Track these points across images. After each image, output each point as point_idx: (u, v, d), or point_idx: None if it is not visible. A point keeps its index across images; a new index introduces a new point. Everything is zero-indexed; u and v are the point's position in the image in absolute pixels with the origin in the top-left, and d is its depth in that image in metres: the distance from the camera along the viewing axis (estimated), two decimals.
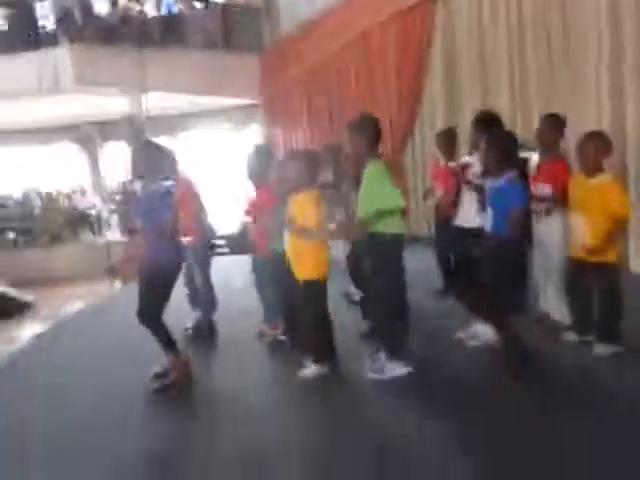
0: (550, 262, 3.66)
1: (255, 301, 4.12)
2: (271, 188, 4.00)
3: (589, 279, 3.31)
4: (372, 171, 3.19)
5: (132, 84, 9.94)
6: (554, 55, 5.81)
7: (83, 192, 13.00)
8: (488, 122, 3.82)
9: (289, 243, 3.34)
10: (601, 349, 3.27)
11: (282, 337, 3.95)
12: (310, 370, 3.30)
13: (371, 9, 8.40)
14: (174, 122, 12.97)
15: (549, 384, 2.98)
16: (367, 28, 8.59)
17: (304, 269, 3.28)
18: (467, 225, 3.81)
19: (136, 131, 9.97)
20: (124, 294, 6.68)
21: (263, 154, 4.05)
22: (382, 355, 3.28)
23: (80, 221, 12.02)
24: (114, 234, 11.30)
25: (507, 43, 6.44)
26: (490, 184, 3.20)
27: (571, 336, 3.46)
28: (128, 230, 7.42)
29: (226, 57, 11.51)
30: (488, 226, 3.19)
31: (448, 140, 4.83)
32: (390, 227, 3.15)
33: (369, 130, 3.21)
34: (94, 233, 12.19)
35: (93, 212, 12.40)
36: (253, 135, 12.73)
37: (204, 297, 4.28)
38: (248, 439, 2.69)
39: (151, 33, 10.57)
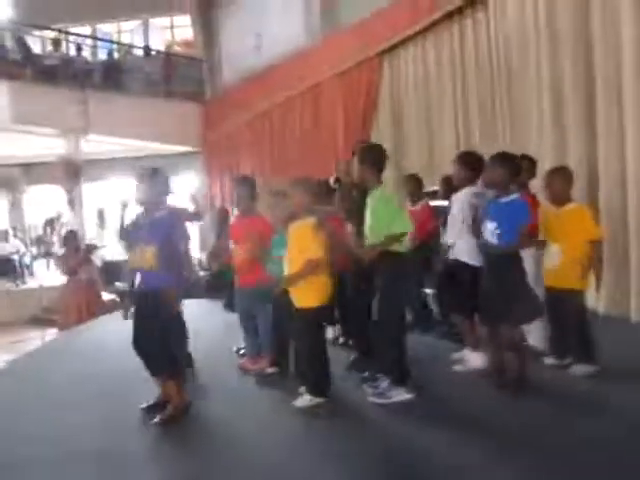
0: None
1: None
2: (259, 218, 4.09)
3: (563, 305, 3.61)
4: (380, 197, 3.35)
5: (73, 126, 9.71)
6: (496, 98, 6.40)
7: (6, 237, 12.25)
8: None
9: (289, 271, 3.36)
10: (579, 370, 3.56)
11: (268, 370, 3.94)
12: (306, 400, 3.29)
13: (321, 64, 8.85)
14: (107, 165, 12.69)
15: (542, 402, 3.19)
16: (316, 81, 9.01)
17: (305, 297, 3.30)
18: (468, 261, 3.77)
19: (74, 173, 9.67)
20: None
21: (250, 185, 4.13)
22: (384, 381, 3.37)
23: (3, 267, 11.28)
24: (42, 279, 10.70)
25: (452, 92, 7.03)
26: (496, 200, 3.41)
27: (550, 360, 3.73)
28: (70, 270, 7.07)
29: (167, 104, 11.54)
30: (492, 240, 3.37)
31: (417, 184, 5.20)
32: (399, 247, 3.29)
33: (376, 157, 3.40)
34: (17, 279, 11.47)
35: (16, 257, 11.70)
36: (189, 182, 12.68)
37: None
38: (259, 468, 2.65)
39: (92, 76, 10.45)
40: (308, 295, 3.29)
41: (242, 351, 4.39)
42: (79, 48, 10.62)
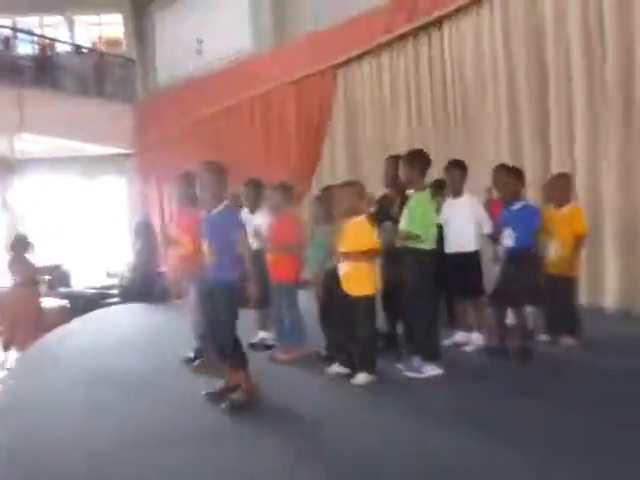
0: None
1: None
2: (288, 216, 4.39)
3: (558, 289, 4.30)
4: (421, 199, 3.81)
5: (7, 123, 9.19)
6: (450, 113, 7.11)
7: None
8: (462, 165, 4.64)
9: (346, 264, 3.73)
10: (568, 341, 4.27)
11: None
12: (363, 377, 3.68)
13: (272, 72, 9.13)
14: (40, 165, 12.03)
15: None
16: (267, 89, 9.28)
17: (363, 286, 3.67)
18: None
19: (7, 172, 9.16)
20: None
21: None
22: (417, 357, 3.83)
23: None
24: None
25: (406, 103, 7.65)
26: (510, 208, 4.03)
27: (544, 336, 4.39)
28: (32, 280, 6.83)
29: (99, 104, 11.22)
30: (510, 243, 3.99)
31: None
32: (426, 244, 3.76)
33: (421, 162, 3.84)
34: None
35: None
36: (121, 184, 12.40)
37: None
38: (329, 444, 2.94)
39: (24, 73, 9.93)
40: (365, 284, 3.68)
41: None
42: (7, 42, 10.05)
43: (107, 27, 12.72)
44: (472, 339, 4.40)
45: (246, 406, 3.38)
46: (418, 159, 3.85)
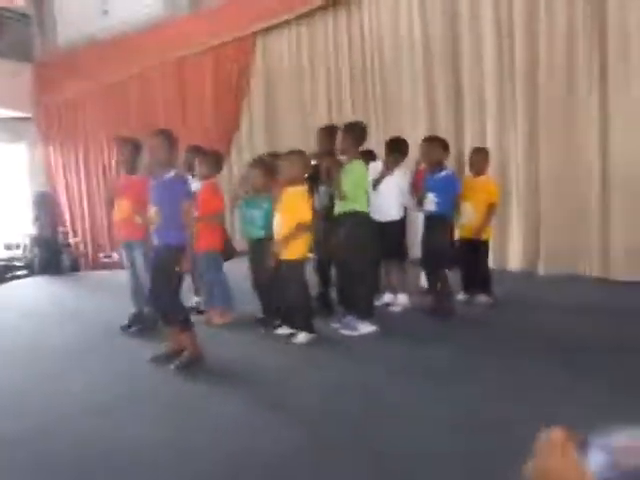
0: None
1: None
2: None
3: (473, 252, 4.72)
4: (357, 166, 4.01)
5: None
6: (368, 85, 7.37)
7: None
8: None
9: (281, 232, 3.86)
10: (483, 300, 4.72)
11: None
12: (303, 336, 3.89)
13: (188, 37, 8.91)
14: None
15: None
16: (182, 54, 9.05)
17: (294, 251, 3.84)
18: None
19: None
20: None
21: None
22: (352, 316, 4.09)
23: None
24: None
25: (325, 74, 7.81)
26: (434, 176, 4.35)
27: (461, 295, 4.82)
28: None
29: None
30: (433, 208, 4.33)
31: None
32: (361, 206, 4.01)
33: (357, 132, 4.03)
34: None
35: None
36: (19, 150, 11.57)
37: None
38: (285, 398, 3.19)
39: None
40: (297, 250, 3.85)
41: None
42: None
43: None
44: (399, 300, 4.74)
45: (193, 365, 3.48)
46: (356, 130, 4.05)
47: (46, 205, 7.75)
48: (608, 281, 5.30)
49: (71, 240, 10.43)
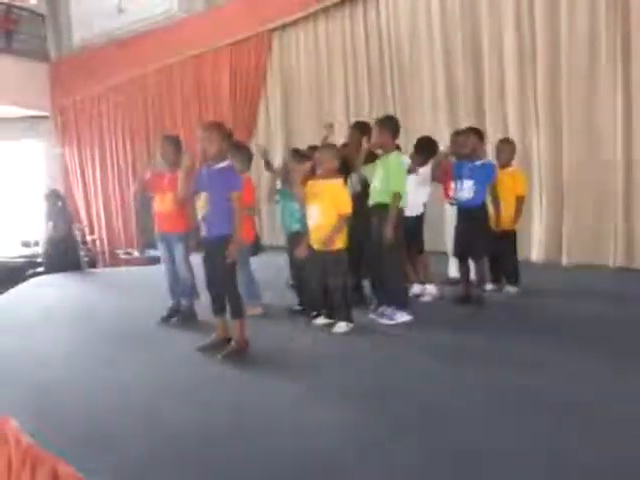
0: None
1: None
2: (248, 179, 4.48)
3: (502, 243, 4.81)
4: (399, 160, 4.11)
5: None
6: (386, 81, 7.46)
7: None
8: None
9: (320, 221, 3.95)
10: (511, 290, 4.83)
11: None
12: (344, 326, 3.99)
13: (203, 34, 8.99)
14: None
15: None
16: (199, 51, 9.14)
17: (332, 238, 3.92)
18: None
19: None
20: None
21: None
22: (390, 306, 4.20)
23: None
24: None
25: (343, 68, 7.88)
26: (471, 165, 4.43)
27: (490, 286, 4.92)
28: None
29: (9, 62, 10.46)
30: (468, 195, 4.41)
31: None
32: (403, 202, 4.10)
33: (392, 126, 4.13)
34: None
35: None
36: (36, 147, 11.70)
37: (189, 284, 4.49)
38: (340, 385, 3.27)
39: None
40: (340, 240, 3.96)
41: None
42: None
43: None
44: (427, 290, 4.83)
45: (242, 355, 3.58)
46: (392, 124, 4.16)
47: (57, 203, 7.84)
48: (631, 270, 5.41)
49: (88, 237, 10.56)
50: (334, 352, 3.66)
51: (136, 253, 9.02)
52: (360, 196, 4.27)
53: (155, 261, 8.23)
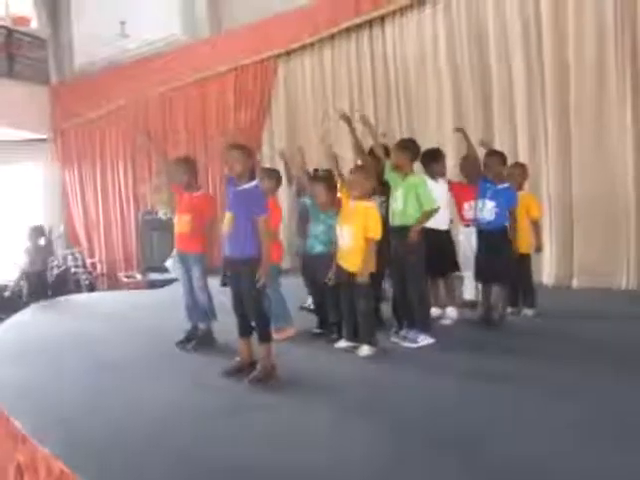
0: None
1: None
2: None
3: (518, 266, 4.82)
4: (419, 181, 4.14)
5: None
6: (393, 110, 7.53)
7: None
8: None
9: (350, 244, 3.95)
10: (528, 312, 4.84)
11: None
12: (367, 349, 3.93)
13: (209, 60, 9.06)
14: None
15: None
16: (203, 77, 9.19)
17: (366, 265, 3.89)
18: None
19: None
20: None
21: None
22: (414, 329, 4.18)
23: None
24: None
25: (348, 95, 7.94)
26: (494, 187, 4.47)
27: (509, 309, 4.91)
28: None
29: (10, 85, 10.47)
30: (490, 217, 4.45)
31: None
32: (429, 224, 4.14)
33: (413, 149, 4.18)
34: None
35: None
36: (32, 172, 11.63)
37: (207, 307, 4.44)
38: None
39: None
40: (369, 262, 3.92)
41: None
42: None
43: (14, 1, 11.78)
44: (447, 313, 4.81)
45: (269, 380, 3.52)
46: (412, 147, 4.20)
47: (39, 240, 7.89)
48: None
49: (88, 261, 10.43)
50: (358, 375, 3.64)
51: (138, 276, 8.94)
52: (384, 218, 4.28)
53: (158, 285, 8.24)
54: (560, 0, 5.95)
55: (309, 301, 5.05)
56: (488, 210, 4.43)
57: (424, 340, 4.13)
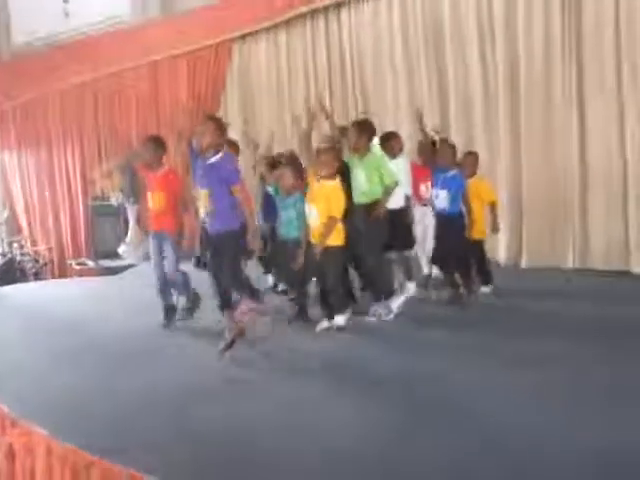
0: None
1: None
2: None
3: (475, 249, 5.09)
4: (378, 158, 4.31)
5: None
6: (348, 96, 7.65)
7: None
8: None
9: (317, 222, 4.03)
10: (485, 290, 5.14)
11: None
12: (342, 318, 4.07)
13: (161, 42, 8.87)
14: None
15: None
16: (155, 58, 8.99)
17: (333, 237, 4.02)
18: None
19: None
20: None
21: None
22: (383, 302, 4.34)
23: None
24: None
25: (304, 81, 8.00)
26: (444, 175, 4.68)
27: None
28: None
29: None
30: (444, 205, 4.67)
31: None
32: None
33: (370, 129, 4.33)
34: None
35: None
36: None
37: (180, 280, 4.46)
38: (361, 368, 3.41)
39: None
40: (335, 237, 4.06)
41: None
42: None
43: None
44: (406, 288, 5.01)
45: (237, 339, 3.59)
46: (369, 127, 4.35)
47: None
48: (586, 271, 5.88)
49: (30, 249, 10.04)
50: (340, 353, 3.76)
51: (90, 263, 8.72)
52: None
53: (111, 271, 8.05)
54: None
55: (270, 281, 5.36)
56: (442, 199, 4.68)
57: (396, 302, 4.34)
